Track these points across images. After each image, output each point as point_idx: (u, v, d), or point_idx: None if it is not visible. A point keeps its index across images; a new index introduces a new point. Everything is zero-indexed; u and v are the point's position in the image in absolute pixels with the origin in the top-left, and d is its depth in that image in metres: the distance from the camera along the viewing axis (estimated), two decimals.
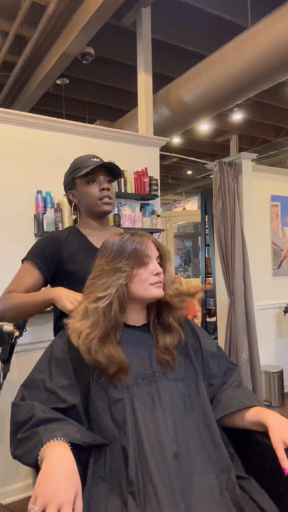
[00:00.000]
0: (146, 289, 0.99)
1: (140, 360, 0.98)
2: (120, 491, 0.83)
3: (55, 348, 1.00)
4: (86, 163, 1.26)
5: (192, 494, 0.82)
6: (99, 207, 1.26)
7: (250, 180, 3.12)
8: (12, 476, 2.07)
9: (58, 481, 0.72)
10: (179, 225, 10.40)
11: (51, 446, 0.79)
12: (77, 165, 1.28)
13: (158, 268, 1.01)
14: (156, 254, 1.03)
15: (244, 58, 3.00)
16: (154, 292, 0.99)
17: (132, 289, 0.99)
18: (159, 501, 0.78)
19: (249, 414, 0.98)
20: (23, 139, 2.21)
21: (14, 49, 3.69)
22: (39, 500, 0.70)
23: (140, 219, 2.55)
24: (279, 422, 0.92)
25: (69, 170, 1.32)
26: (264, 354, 3.26)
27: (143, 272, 0.99)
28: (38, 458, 0.80)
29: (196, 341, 1.08)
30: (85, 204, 1.29)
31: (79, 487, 0.75)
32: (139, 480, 0.82)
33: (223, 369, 1.09)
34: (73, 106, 5.22)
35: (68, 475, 0.74)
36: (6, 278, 1.50)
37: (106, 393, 0.91)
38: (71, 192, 1.32)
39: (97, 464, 0.88)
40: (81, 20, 2.98)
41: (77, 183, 1.28)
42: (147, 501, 0.79)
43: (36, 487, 0.72)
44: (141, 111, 3.19)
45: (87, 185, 1.26)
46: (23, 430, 0.86)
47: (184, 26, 3.61)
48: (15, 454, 0.87)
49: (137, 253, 0.99)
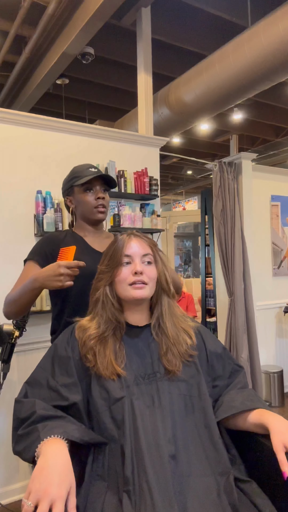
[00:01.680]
0: (125, 290, 0.99)
1: (142, 360, 0.98)
2: (117, 489, 0.84)
3: (59, 347, 1.01)
4: (84, 172, 1.35)
5: (188, 495, 0.82)
6: (94, 214, 1.36)
7: (250, 180, 3.12)
8: (12, 476, 2.07)
9: (51, 477, 0.73)
10: (179, 225, 10.41)
11: (48, 443, 0.80)
12: (76, 173, 1.37)
13: (137, 267, 0.98)
14: (140, 252, 1.01)
15: (244, 58, 3.00)
16: (132, 293, 0.98)
17: (116, 290, 1.01)
18: (153, 500, 0.78)
19: (252, 416, 0.97)
20: (23, 139, 2.21)
21: (14, 49, 3.68)
22: (32, 495, 0.71)
23: (140, 219, 2.55)
24: (281, 425, 0.91)
25: (68, 177, 1.41)
26: (264, 354, 3.26)
27: (122, 272, 0.99)
28: (35, 454, 0.81)
29: (201, 341, 1.07)
30: (81, 210, 1.38)
31: (73, 484, 0.76)
32: (135, 479, 0.82)
33: (228, 371, 1.08)
34: (73, 106, 5.22)
35: (62, 471, 0.75)
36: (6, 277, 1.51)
37: (106, 392, 0.92)
38: (69, 198, 1.41)
39: (96, 462, 0.89)
40: (81, 20, 2.98)
41: (74, 190, 1.37)
42: (142, 500, 0.79)
43: (30, 482, 0.74)
44: (141, 111, 3.19)
45: (84, 193, 1.35)
46: (23, 427, 0.88)
47: (184, 26, 3.61)
48: (15, 449, 0.88)
49: (115, 253, 1.01)
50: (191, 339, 1.03)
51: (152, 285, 1.02)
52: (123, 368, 0.94)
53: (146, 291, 0.99)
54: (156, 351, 1.00)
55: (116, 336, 0.99)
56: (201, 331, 1.10)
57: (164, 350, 0.99)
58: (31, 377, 1.00)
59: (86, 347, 0.97)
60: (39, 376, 0.98)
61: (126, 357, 0.96)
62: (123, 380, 0.93)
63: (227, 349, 1.13)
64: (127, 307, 1.03)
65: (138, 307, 1.03)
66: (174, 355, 0.98)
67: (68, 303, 1.30)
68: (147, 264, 1.02)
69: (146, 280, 0.99)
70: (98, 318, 1.00)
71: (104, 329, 0.98)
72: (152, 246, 1.04)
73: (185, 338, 1.03)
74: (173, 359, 0.98)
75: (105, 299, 1.01)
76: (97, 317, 1.01)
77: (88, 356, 0.95)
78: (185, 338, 1.02)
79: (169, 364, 0.97)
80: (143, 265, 1.00)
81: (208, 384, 1.02)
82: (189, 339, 1.03)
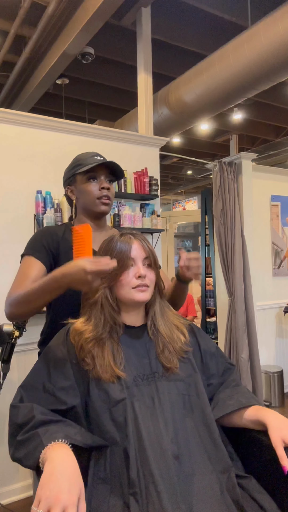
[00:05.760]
0: (128, 293, 0.98)
1: (140, 361, 0.98)
2: (121, 492, 0.83)
3: (54, 349, 0.99)
4: (88, 160, 1.23)
5: (193, 494, 0.82)
6: (96, 206, 1.23)
7: (250, 180, 3.12)
8: (12, 476, 2.07)
9: (61, 483, 0.71)
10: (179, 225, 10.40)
11: (53, 448, 0.78)
12: (79, 161, 1.26)
13: (140, 271, 0.98)
14: (143, 255, 1.01)
15: (244, 58, 3.00)
16: (135, 296, 0.98)
17: (116, 292, 1.00)
18: (161, 501, 0.78)
19: (248, 413, 0.99)
20: (23, 139, 2.21)
21: (14, 49, 3.69)
22: (42, 502, 0.69)
23: (140, 219, 2.55)
24: (278, 420, 0.92)
25: (70, 165, 1.29)
26: (264, 354, 3.26)
27: (126, 275, 0.98)
28: (39, 460, 0.79)
29: (194, 339, 1.08)
30: (82, 201, 1.26)
31: (82, 489, 0.74)
32: (141, 481, 0.82)
33: (221, 369, 1.09)
34: (73, 106, 5.22)
35: (71, 476, 0.74)
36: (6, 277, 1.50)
37: (105, 394, 0.91)
38: (70, 188, 1.29)
39: (97, 466, 0.88)
40: (81, 20, 2.98)
41: (77, 179, 1.25)
42: (150, 502, 0.79)
43: (39, 490, 0.71)
44: (141, 111, 3.19)
45: (87, 182, 1.23)
46: (22, 432, 0.85)
47: (184, 26, 3.61)
48: (15, 456, 0.86)
49: (120, 256, 0.98)
50: (185, 336, 1.05)
51: (152, 287, 1.02)
52: (122, 370, 0.93)
53: (148, 294, 1.00)
54: (153, 350, 1.00)
55: (113, 337, 0.98)
56: (194, 328, 1.12)
57: (161, 348, 0.99)
58: (26, 381, 0.97)
59: (84, 351, 0.95)
60: (34, 380, 0.96)
61: (125, 359, 0.96)
62: (123, 382, 0.92)
63: (219, 348, 1.14)
64: (124, 309, 1.03)
65: (135, 309, 1.03)
66: (171, 352, 0.99)
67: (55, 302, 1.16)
68: (147, 267, 1.02)
69: (148, 283, 1.00)
70: (94, 321, 0.99)
71: (101, 331, 0.97)
72: (150, 249, 1.04)
73: (179, 335, 1.04)
74: (170, 356, 0.98)
75: (104, 301, 0.99)
76: (93, 319, 0.99)
77: (87, 360, 0.94)
78: (179, 335, 1.04)
79: (167, 362, 0.97)
80: (144, 268, 1.00)
81: (204, 383, 1.02)
82: (182, 336, 1.04)
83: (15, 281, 1.17)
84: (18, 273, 1.19)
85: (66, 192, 1.31)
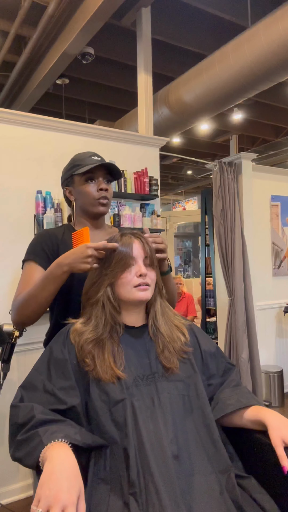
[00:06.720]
0: (129, 292, 0.99)
1: (140, 361, 0.98)
2: (121, 492, 0.83)
3: (54, 349, 0.99)
4: (86, 160, 1.24)
5: (192, 495, 0.82)
6: (94, 207, 1.24)
7: (250, 180, 3.12)
8: (12, 476, 2.07)
9: (61, 483, 0.71)
10: (179, 225, 10.41)
11: (53, 448, 0.79)
12: (76, 161, 1.26)
13: (141, 270, 0.99)
14: (143, 254, 1.01)
15: (244, 58, 3.00)
16: (137, 295, 0.98)
17: (118, 292, 1.00)
18: (161, 502, 0.78)
19: (248, 413, 0.99)
20: (23, 139, 2.21)
21: (14, 49, 3.69)
22: (42, 502, 0.69)
23: (140, 219, 2.55)
24: (278, 420, 0.92)
25: (68, 166, 1.30)
26: (264, 354, 3.26)
27: (127, 274, 0.99)
28: (39, 459, 0.79)
29: (194, 339, 1.08)
30: (81, 202, 1.26)
31: (82, 488, 0.74)
32: (141, 481, 0.82)
33: (221, 369, 1.09)
34: (73, 106, 5.22)
35: (71, 476, 0.74)
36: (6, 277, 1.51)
37: (105, 394, 0.91)
38: (68, 189, 1.30)
39: (97, 466, 0.88)
40: (81, 20, 2.98)
41: (75, 180, 1.25)
42: (149, 502, 0.79)
43: (39, 489, 0.71)
44: (141, 111, 3.19)
45: (85, 183, 1.23)
46: (22, 432, 0.86)
47: (184, 26, 3.61)
48: (15, 456, 0.86)
49: (119, 255, 0.99)
50: (184, 336, 1.05)
51: (153, 286, 1.03)
52: (122, 371, 0.93)
53: (149, 293, 1.00)
54: (153, 350, 1.00)
55: (113, 338, 0.98)
56: (194, 329, 1.12)
57: (161, 348, 0.99)
58: (26, 381, 0.97)
59: (84, 352, 0.95)
60: (35, 380, 0.96)
61: (125, 359, 0.96)
62: (123, 382, 0.92)
63: (219, 348, 1.14)
64: (125, 308, 1.03)
65: (136, 309, 1.03)
66: (171, 353, 0.99)
67: (56, 301, 1.20)
68: (148, 266, 1.02)
69: (149, 282, 1.00)
70: (94, 321, 0.99)
71: (102, 331, 0.97)
72: (150, 249, 1.04)
73: (179, 335, 1.04)
74: (170, 357, 0.98)
75: (106, 301, 0.99)
76: (94, 319, 0.99)
77: (87, 361, 0.94)
78: (179, 335, 1.04)
79: (167, 362, 0.97)
80: (145, 267, 1.01)
81: (204, 383, 1.02)
82: (182, 336, 1.04)
83: (18, 287, 1.19)
84: (21, 280, 1.22)
85: (65, 193, 1.32)
